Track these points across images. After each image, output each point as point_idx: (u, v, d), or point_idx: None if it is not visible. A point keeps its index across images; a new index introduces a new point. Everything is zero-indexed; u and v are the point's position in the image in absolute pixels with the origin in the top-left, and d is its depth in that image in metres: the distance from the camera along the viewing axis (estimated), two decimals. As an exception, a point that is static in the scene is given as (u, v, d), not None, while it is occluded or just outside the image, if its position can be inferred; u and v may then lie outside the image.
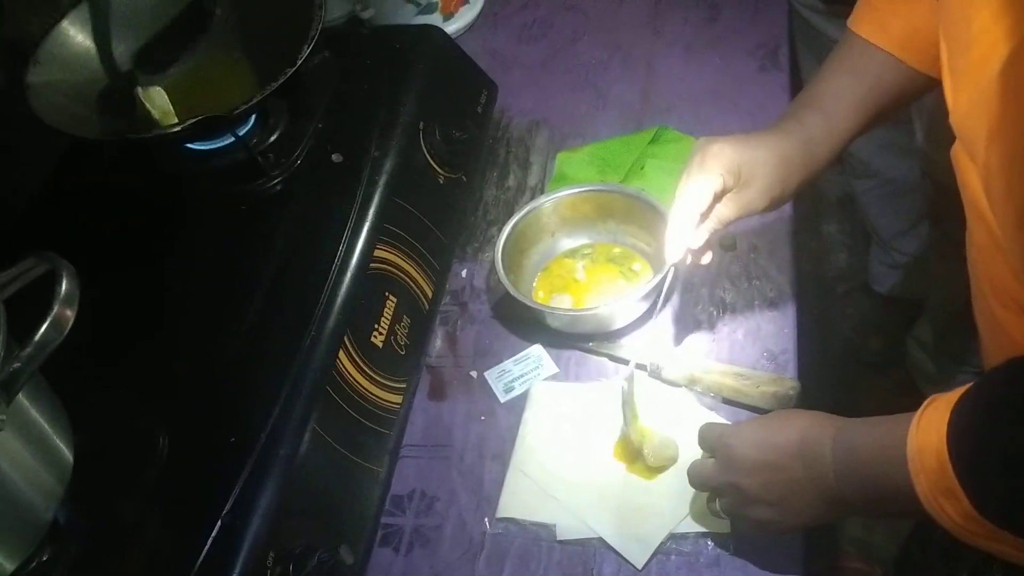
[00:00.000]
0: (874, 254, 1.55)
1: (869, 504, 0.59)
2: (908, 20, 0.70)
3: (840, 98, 0.73)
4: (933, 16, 0.61)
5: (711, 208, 0.70)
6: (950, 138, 0.56)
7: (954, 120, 0.55)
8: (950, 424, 0.51)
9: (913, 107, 1.16)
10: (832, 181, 1.77)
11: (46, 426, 0.63)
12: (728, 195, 0.71)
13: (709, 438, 0.68)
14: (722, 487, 0.66)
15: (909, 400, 0.56)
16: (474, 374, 0.85)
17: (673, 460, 0.74)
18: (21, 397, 0.59)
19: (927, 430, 0.52)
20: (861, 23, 0.73)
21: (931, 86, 0.71)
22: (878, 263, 1.54)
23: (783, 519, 0.64)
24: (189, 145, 0.90)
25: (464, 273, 0.94)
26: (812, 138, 0.72)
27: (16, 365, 0.56)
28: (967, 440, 0.50)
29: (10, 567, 0.62)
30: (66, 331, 0.58)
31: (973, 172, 0.53)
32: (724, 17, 1.13)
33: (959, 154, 0.56)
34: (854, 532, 1.39)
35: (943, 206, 1.21)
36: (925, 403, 0.54)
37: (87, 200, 0.92)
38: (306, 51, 0.85)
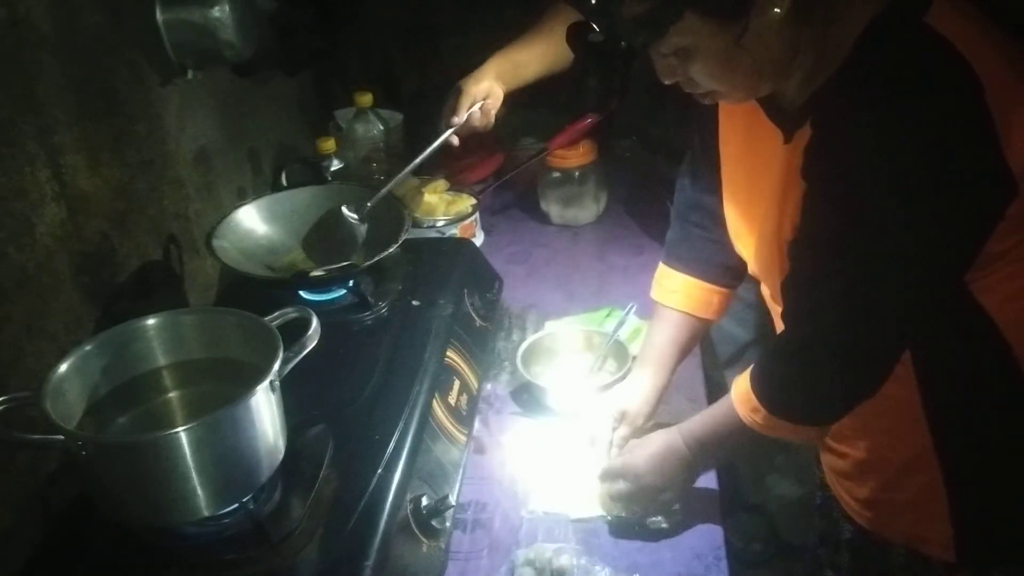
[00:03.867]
0: None
1: (710, 457, 1.09)
2: (682, 286, 1.26)
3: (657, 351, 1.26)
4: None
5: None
6: None
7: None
8: (751, 373, 1.01)
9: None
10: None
11: (282, 416, 1.03)
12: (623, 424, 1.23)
13: (612, 468, 1.14)
14: (633, 492, 1.11)
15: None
16: (502, 439, 1.30)
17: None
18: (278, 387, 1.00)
19: (741, 382, 1.02)
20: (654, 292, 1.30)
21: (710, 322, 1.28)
22: None
23: (674, 491, 1.11)
24: (308, 295, 1.38)
25: (489, 387, 1.40)
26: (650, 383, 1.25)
27: (289, 354, 1.00)
28: (758, 376, 1.00)
29: (237, 502, 0.98)
30: (311, 347, 1.02)
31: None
32: (646, 252, 1.73)
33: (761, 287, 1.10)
34: None
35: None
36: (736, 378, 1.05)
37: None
38: (402, 238, 1.37)
